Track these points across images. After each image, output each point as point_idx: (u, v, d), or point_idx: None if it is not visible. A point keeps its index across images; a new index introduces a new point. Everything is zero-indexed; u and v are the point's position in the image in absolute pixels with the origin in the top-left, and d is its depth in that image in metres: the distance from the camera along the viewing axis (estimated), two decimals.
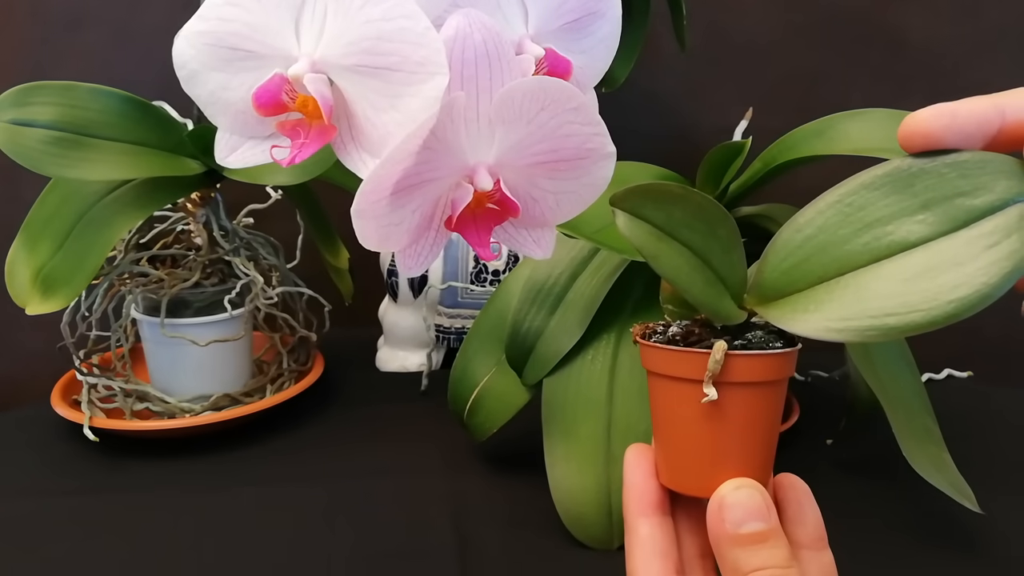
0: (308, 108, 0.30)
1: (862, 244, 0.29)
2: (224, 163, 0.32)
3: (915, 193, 0.29)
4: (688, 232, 0.31)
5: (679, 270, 0.31)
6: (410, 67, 0.28)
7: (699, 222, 0.31)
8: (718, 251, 0.32)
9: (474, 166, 0.31)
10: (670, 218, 0.31)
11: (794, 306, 0.30)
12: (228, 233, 0.72)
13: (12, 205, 0.67)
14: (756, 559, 0.29)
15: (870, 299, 0.28)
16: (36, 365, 0.78)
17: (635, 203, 0.31)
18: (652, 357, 0.33)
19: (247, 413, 0.69)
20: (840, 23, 0.96)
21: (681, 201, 0.31)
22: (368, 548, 0.54)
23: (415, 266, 0.33)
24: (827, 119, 0.60)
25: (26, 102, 0.58)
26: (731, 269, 0.32)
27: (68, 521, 0.57)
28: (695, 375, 0.31)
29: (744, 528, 0.30)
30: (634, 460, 0.35)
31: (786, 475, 0.34)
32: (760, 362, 0.31)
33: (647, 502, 0.34)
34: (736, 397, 0.31)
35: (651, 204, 0.31)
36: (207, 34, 0.31)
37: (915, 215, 0.29)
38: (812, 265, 0.30)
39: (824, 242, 0.30)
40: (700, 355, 0.31)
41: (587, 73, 0.36)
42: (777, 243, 0.31)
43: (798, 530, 0.33)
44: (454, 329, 0.83)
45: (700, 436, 0.32)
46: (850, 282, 0.29)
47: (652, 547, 0.33)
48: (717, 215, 0.32)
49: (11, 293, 0.61)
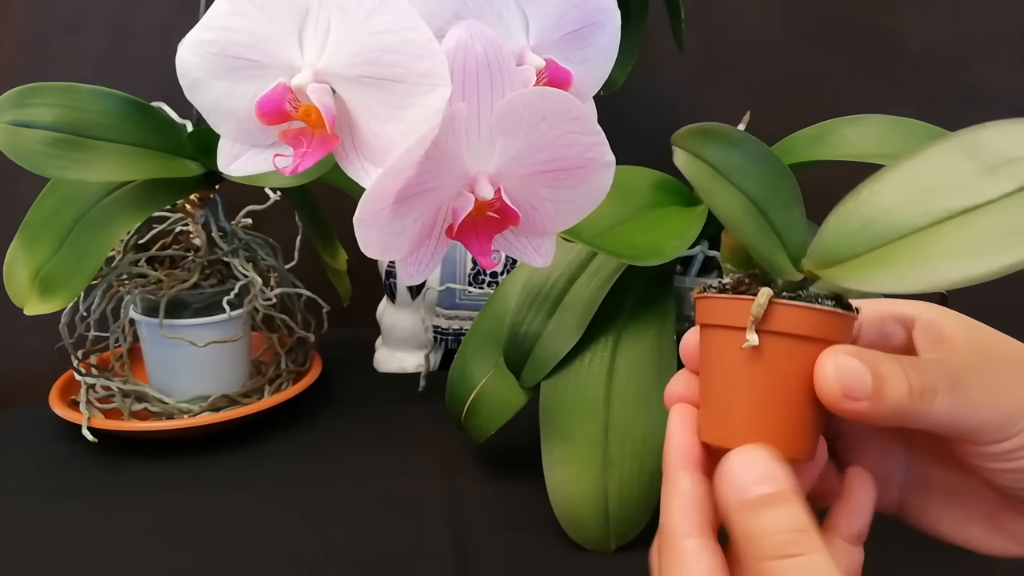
0: (311, 117, 0.30)
1: (924, 208, 0.29)
2: (227, 171, 0.32)
3: (980, 158, 0.29)
4: (744, 178, 0.31)
5: (732, 211, 0.31)
6: (413, 79, 0.29)
7: (758, 170, 0.31)
8: (777, 204, 0.31)
9: (475, 175, 0.31)
10: (727, 160, 0.31)
11: (854, 267, 0.30)
12: (227, 234, 0.72)
13: (11, 206, 0.67)
14: (762, 522, 0.28)
15: (930, 256, 0.28)
16: (34, 365, 0.78)
17: (694, 142, 0.31)
18: (703, 308, 0.32)
19: (245, 414, 0.69)
20: (837, 26, 0.96)
21: (740, 146, 0.31)
22: (365, 549, 0.54)
23: (416, 274, 0.33)
24: (825, 124, 0.60)
25: (26, 103, 0.58)
26: (790, 226, 0.32)
27: (66, 521, 0.57)
28: (739, 322, 0.30)
29: (750, 492, 0.29)
30: (678, 417, 0.34)
31: (860, 469, 0.33)
32: (806, 314, 0.30)
33: (689, 456, 0.33)
34: (778, 348, 0.30)
35: (711, 144, 0.31)
36: (211, 43, 0.31)
37: (980, 177, 0.28)
38: (873, 229, 0.30)
39: (887, 208, 0.30)
40: (746, 301, 0.30)
41: (587, 83, 0.37)
42: (839, 210, 0.31)
43: (845, 521, 0.32)
44: (452, 330, 0.84)
45: (740, 388, 0.31)
46: (912, 242, 0.29)
47: (692, 500, 0.32)
48: (778, 168, 0.31)
49: (10, 293, 0.61)
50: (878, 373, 0.28)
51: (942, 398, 0.29)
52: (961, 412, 0.29)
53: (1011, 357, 0.31)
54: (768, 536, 0.28)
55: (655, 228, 0.57)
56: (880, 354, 0.29)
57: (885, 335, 0.34)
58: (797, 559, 0.27)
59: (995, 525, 0.33)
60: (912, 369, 0.29)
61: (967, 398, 0.29)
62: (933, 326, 0.32)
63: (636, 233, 0.56)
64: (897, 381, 0.29)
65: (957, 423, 0.29)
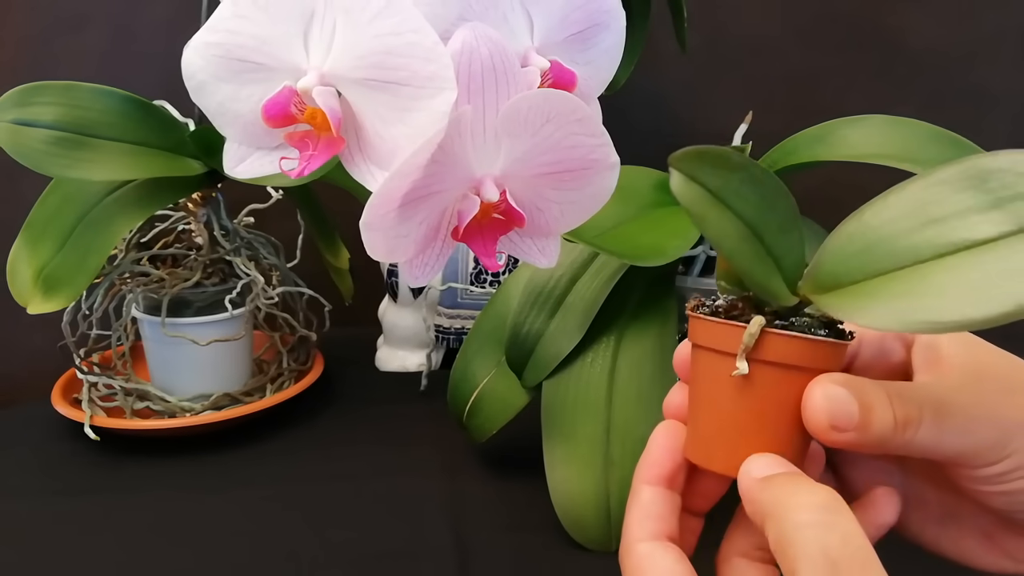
0: (317, 120, 0.30)
1: (926, 239, 0.28)
2: (233, 174, 0.32)
3: (989, 190, 0.28)
4: (741, 202, 0.30)
5: (726, 237, 0.30)
6: (419, 82, 0.29)
7: (755, 194, 0.30)
8: (773, 227, 0.31)
9: (480, 178, 0.31)
10: (726, 184, 0.30)
11: (850, 295, 0.29)
12: (229, 233, 0.72)
13: (13, 205, 0.67)
14: (785, 490, 0.28)
15: (928, 292, 0.27)
16: (37, 364, 0.78)
17: (692, 165, 0.30)
18: (695, 328, 0.32)
19: (247, 412, 0.69)
20: (839, 25, 0.96)
21: (740, 170, 0.30)
22: (365, 549, 0.54)
23: (421, 276, 0.33)
24: (827, 124, 0.60)
25: (28, 102, 0.58)
26: (786, 249, 0.31)
27: (67, 519, 0.57)
28: (730, 348, 0.30)
29: (767, 472, 0.29)
30: (659, 434, 0.34)
31: (889, 490, 0.33)
32: (797, 345, 0.30)
33: (656, 472, 0.33)
34: (768, 377, 0.30)
35: (708, 168, 0.30)
36: (216, 46, 0.31)
37: (985, 213, 0.28)
38: (873, 256, 0.29)
39: (888, 234, 0.29)
40: (737, 328, 0.30)
41: (591, 84, 0.37)
42: (840, 233, 0.30)
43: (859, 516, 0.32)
44: (454, 330, 0.84)
45: (727, 412, 0.31)
46: (910, 275, 0.28)
47: (649, 510, 0.32)
48: (777, 190, 0.31)
49: (13, 292, 0.61)
50: (865, 403, 0.28)
51: (926, 427, 0.29)
52: (945, 439, 0.29)
53: (1007, 378, 0.31)
54: (790, 499, 0.27)
55: (657, 228, 0.57)
56: (868, 382, 0.29)
57: (885, 352, 0.34)
58: (822, 516, 0.26)
59: (991, 543, 0.33)
60: (898, 398, 0.29)
61: (951, 425, 0.29)
62: (930, 346, 0.32)
63: (638, 233, 0.56)
64: (882, 411, 0.28)
65: (943, 449, 0.29)
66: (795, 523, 0.27)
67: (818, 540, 0.26)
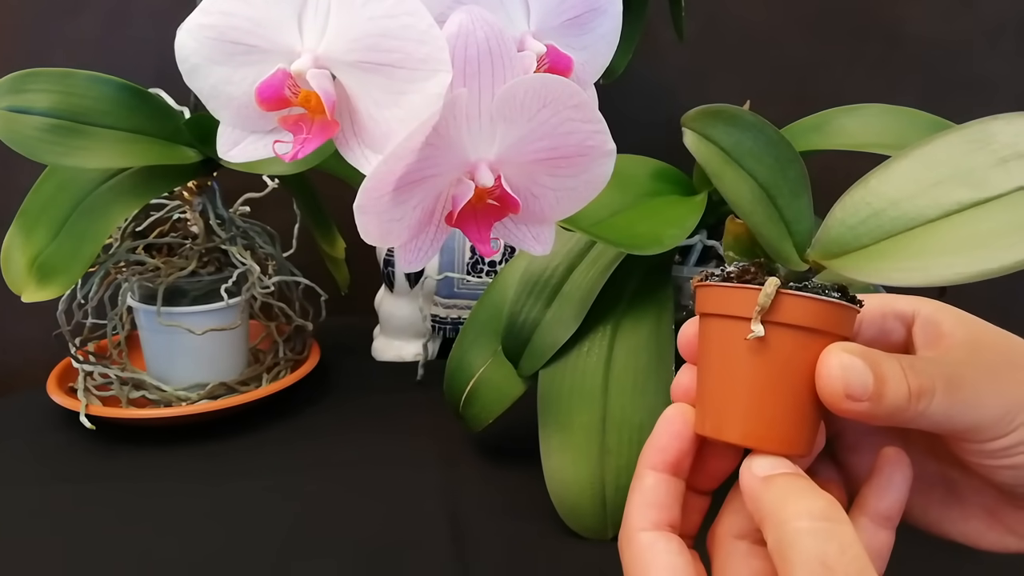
0: (311, 103, 0.30)
1: (935, 200, 0.29)
2: (227, 158, 0.32)
3: (992, 151, 0.28)
4: (755, 163, 0.30)
5: (741, 196, 0.30)
6: (413, 64, 0.28)
7: (768, 156, 0.30)
8: (786, 191, 0.31)
9: (475, 162, 0.31)
10: (738, 145, 0.30)
11: (860, 257, 0.30)
12: (224, 222, 0.72)
13: (8, 192, 0.66)
14: (782, 491, 0.28)
15: (946, 249, 0.28)
16: (32, 352, 0.78)
17: (705, 123, 0.30)
18: (705, 297, 0.32)
19: (243, 402, 0.69)
20: (837, 15, 0.96)
21: (752, 130, 0.30)
22: (362, 537, 0.54)
23: (415, 261, 0.33)
24: (824, 113, 0.60)
25: (22, 89, 0.58)
26: (797, 214, 0.31)
27: (64, 508, 0.57)
28: (744, 312, 0.30)
29: (769, 472, 0.29)
30: (669, 418, 0.34)
31: (896, 449, 0.33)
32: (813, 305, 0.29)
33: (661, 458, 0.33)
34: (782, 340, 0.30)
35: (721, 126, 0.30)
36: (210, 28, 0.31)
37: (991, 170, 0.28)
38: (881, 220, 0.30)
39: (896, 198, 0.29)
40: (751, 291, 0.30)
41: (588, 69, 0.36)
42: (846, 200, 0.30)
43: (873, 500, 0.32)
44: (450, 319, 0.83)
45: (741, 379, 0.31)
46: (919, 234, 0.29)
47: (652, 498, 0.32)
48: (789, 155, 0.30)
49: (7, 280, 0.61)
50: (879, 374, 0.28)
51: (938, 398, 0.29)
52: (955, 412, 0.29)
53: (1008, 353, 0.31)
54: (791, 504, 0.28)
55: (654, 217, 0.57)
56: (881, 354, 0.29)
57: (885, 332, 0.34)
58: (821, 524, 0.27)
59: (994, 520, 0.33)
60: (911, 369, 0.29)
61: (961, 397, 0.29)
62: (931, 322, 0.32)
63: (635, 222, 0.56)
64: (897, 382, 0.29)
65: (952, 422, 0.29)
66: (794, 529, 0.27)
67: (816, 548, 0.26)
